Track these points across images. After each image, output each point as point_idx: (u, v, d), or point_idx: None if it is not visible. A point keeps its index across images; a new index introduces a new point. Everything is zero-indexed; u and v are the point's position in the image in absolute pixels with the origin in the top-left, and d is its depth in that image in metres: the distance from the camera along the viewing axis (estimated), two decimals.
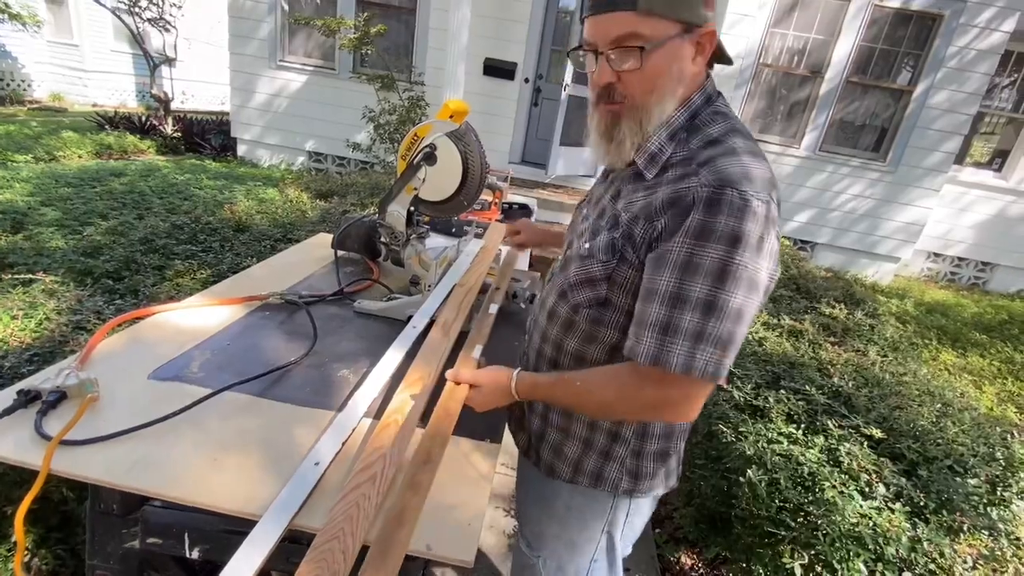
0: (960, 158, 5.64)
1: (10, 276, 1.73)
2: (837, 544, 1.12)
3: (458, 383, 0.89)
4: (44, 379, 0.85)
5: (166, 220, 2.45)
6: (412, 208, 1.42)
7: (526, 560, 1.09)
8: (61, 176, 3.91)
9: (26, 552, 1.11)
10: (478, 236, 1.65)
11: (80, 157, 5.30)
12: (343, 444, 0.81)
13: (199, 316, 1.15)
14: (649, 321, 0.71)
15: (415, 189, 1.38)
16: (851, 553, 1.10)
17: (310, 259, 1.60)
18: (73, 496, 1.17)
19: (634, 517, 0.98)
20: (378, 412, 0.91)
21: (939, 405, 1.74)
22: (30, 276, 1.69)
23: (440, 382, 0.93)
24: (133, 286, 1.75)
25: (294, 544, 0.71)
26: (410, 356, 1.02)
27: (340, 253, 1.57)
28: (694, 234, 0.68)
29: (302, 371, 1.02)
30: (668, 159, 0.77)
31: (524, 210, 2.85)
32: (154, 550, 0.86)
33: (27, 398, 0.81)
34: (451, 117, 1.33)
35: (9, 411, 0.79)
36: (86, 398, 0.81)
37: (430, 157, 1.34)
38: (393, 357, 1.03)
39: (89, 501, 0.87)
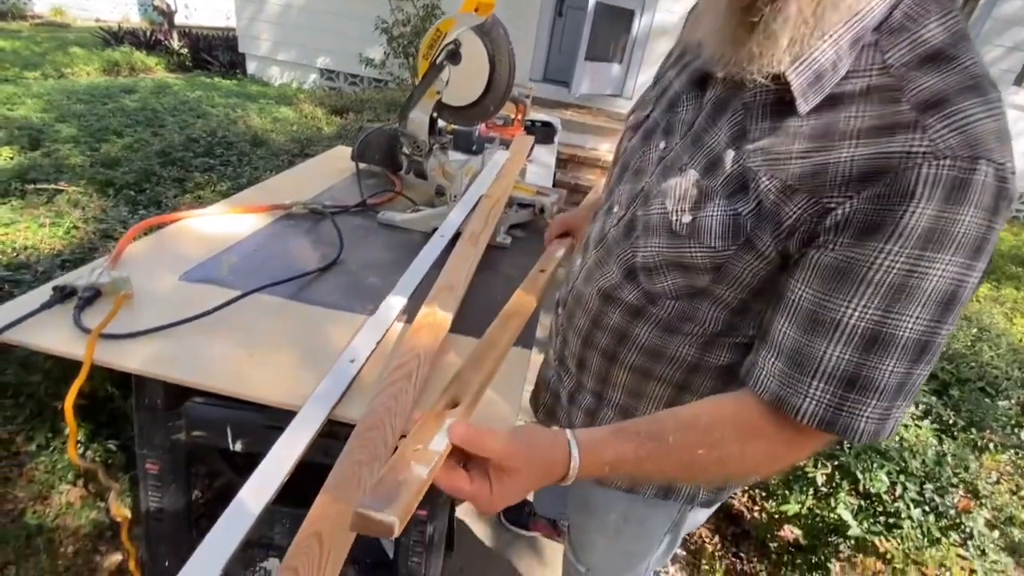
0: (1020, 79, 5.17)
1: (34, 187, 1.72)
2: (861, 456, 1.13)
3: (467, 457, 0.46)
4: (78, 277, 0.85)
5: (181, 134, 2.39)
6: (435, 114, 1.34)
7: (571, 568, 0.94)
8: (72, 92, 3.82)
9: (79, 444, 1.18)
10: (503, 147, 1.57)
11: (88, 74, 5.15)
12: (377, 344, 0.81)
13: (224, 223, 1.14)
14: (821, 368, 0.46)
15: (438, 93, 1.29)
16: (875, 465, 1.11)
17: (330, 171, 1.55)
18: (118, 393, 1.22)
19: (702, 512, 0.79)
20: (410, 317, 0.90)
21: (975, 330, 1.70)
22: (54, 187, 1.68)
23: (471, 290, 0.91)
24: (155, 197, 1.75)
25: (332, 439, 0.73)
26: (438, 266, 1.00)
27: (361, 165, 1.52)
28: (921, 240, 0.42)
29: (331, 278, 1.02)
30: (843, 81, 0.46)
31: (548, 128, 2.72)
32: (199, 443, 0.90)
33: (63, 294, 0.81)
34: (476, 10, 1.21)
35: (47, 305, 0.79)
36: (120, 294, 0.81)
37: (454, 56, 1.25)
38: (422, 265, 1.01)
39: (134, 396, 0.90)
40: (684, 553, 1.50)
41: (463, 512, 1.52)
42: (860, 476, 1.09)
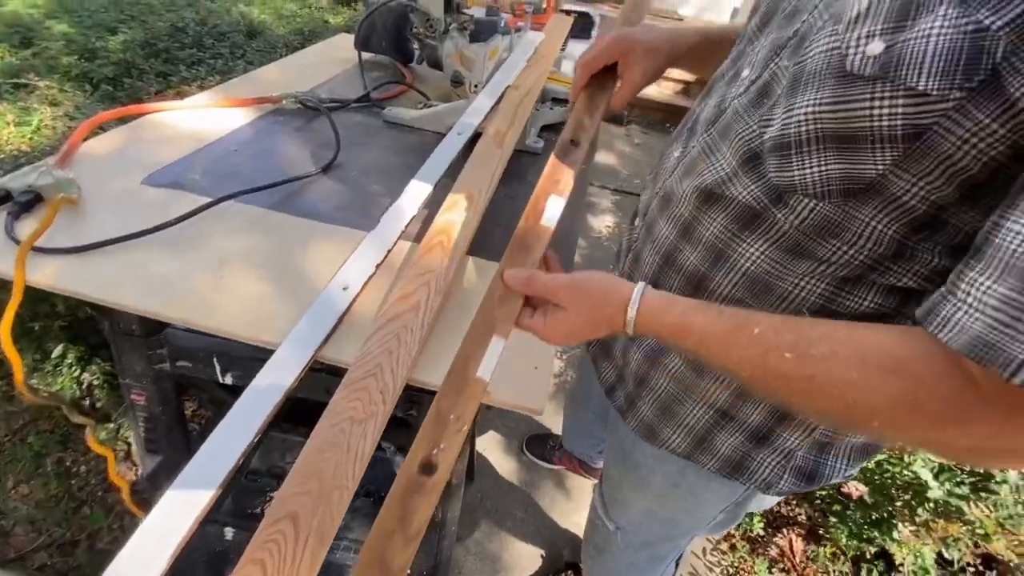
0: None
1: (4, 80, 1.54)
2: None
3: (527, 296, 0.49)
4: (16, 178, 0.70)
5: (166, 23, 2.13)
6: None
7: (599, 521, 0.82)
8: None
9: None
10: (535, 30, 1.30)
11: None
12: (377, 267, 0.65)
13: (202, 119, 0.95)
14: None
15: None
16: None
17: (330, 61, 1.32)
18: (99, 316, 1.12)
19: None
20: (418, 234, 0.73)
21: None
22: (26, 81, 1.50)
23: (494, 203, 0.73)
24: (135, 92, 1.56)
25: (332, 375, 0.60)
26: (455, 170, 0.81)
27: (365, 55, 1.28)
28: None
29: (324, 185, 0.84)
30: None
31: (585, 19, 2.34)
32: (186, 374, 0.79)
33: None
34: None
35: None
36: (58, 198, 0.65)
37: None
38: (434, 170, 0.82)
39: (108, 322, 0.78)
40: None
41: (484, 444, 1.44)
42: None
